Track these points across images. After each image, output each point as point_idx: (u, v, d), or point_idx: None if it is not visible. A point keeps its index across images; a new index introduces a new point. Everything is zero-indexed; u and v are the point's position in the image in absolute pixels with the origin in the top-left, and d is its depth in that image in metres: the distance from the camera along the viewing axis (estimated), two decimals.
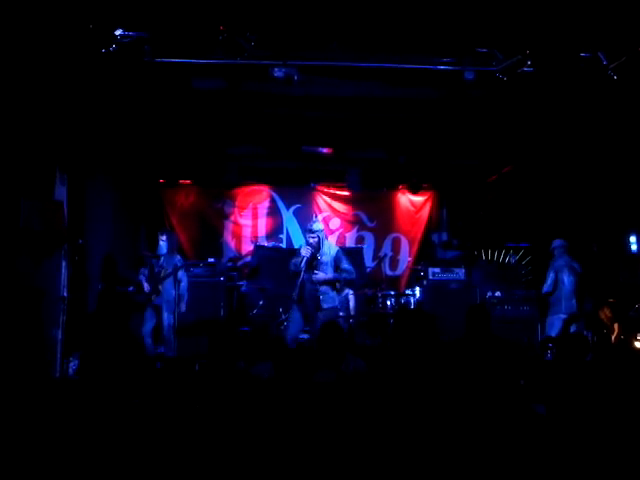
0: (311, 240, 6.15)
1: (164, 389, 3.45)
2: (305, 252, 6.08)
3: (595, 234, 8.66)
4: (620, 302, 7.47)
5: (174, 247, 7.31)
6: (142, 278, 7.01)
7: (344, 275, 6.18)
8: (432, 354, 3.41)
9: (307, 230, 6.33)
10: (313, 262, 6.09)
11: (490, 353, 3.87)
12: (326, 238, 6.36)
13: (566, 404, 3.26)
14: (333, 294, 6.21)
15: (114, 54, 5.28)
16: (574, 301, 7.41)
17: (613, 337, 6.92)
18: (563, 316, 7.35)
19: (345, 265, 6.20)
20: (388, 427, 2.79)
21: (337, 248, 6.36)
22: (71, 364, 5.93)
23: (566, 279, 7.40)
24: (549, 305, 7.54)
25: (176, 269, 7.03)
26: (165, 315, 7.01)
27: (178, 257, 7.26)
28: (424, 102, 7.32)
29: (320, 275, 6.08)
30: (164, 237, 7.08)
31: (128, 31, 5.26)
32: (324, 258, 6.15)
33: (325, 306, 6.11)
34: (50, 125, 6.04)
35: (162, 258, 7.06)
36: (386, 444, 2.68)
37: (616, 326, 7.09)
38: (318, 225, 6.32)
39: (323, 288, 6.12)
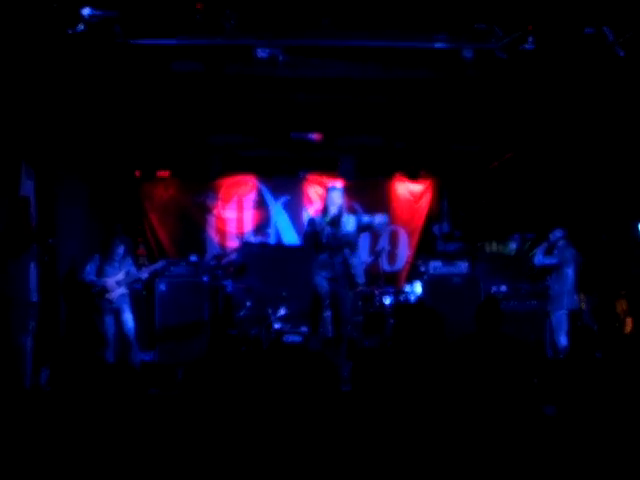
0: (337, 200, 6.21)
1: (145, 399, 3.43)
2: (335, 210, 6.13)
3: (604, 223, 8.68)
4: (632, 295, 7.51)
5: (129, 252, 7.47)
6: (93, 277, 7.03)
7: (377, 220, 6.31)
8: (438, 353, 3.41)
9: (332, 188, 6.42)
10: (338, 227, 6.14)
11: (498, 352, 3.88)
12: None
13: (577, 405, 3.27)
14: (361, 267, 6.28)
15: (82, 35, 5.23)
16: (576, 297, 7.42)
17: (627, 331, 6.95)
18: (565, 311, 7.36)
19: (368, 218, 6.36)
20: (394, 429, 2.79)
21: (354, 216, 6.46)
22: (42, 374, 5.91)
23: (571, 273, 7.39)
24: (549, 299, 7.54)
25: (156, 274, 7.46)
26: (126, 316, 7.02)
27: (130, 260, 7.35)
28: (421, 83, 7.30)
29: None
30: (122, 247, 7.19)
31: (97, 10, 5.21)
32: (348, 227, 6.21)
33: (359, 281, 6.21)
34: (14, 115, 5.99)
35: (117, 261, 7.11)
36: (392, 447, 2.69)
37: (629, 321, 7.13)
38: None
39: (354, 261, 6.16)
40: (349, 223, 6.23)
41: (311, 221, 6.42)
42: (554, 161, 8.89)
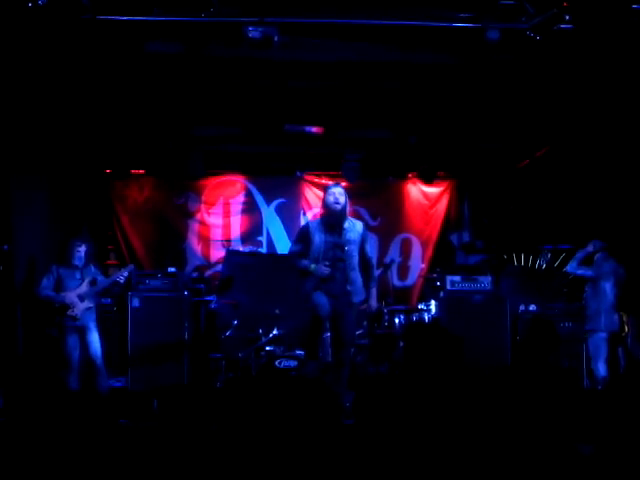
0: (340, 198, 6.06)
1: (114, 431, 3.44)
2: (335, 214, 6.02)
3: None
4: None
5: (92, 258, 7.40)
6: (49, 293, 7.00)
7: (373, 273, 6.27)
8: (454, 382, 3.41)
9: (332, 186, 6.26)
10: (339, 235, 6.07)
11: (528, 381, 3.88)
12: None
13: (617, 444, 3.27)
14: (361, 283, 6.21)
15: (44, 9, 5.24)
16: (616, 316, 7.39)
17: None
18: (603, 334, 7.33)
19: (369, 249, 6.28)
20: (403, 471, 2.80)
21: (361, 224, 6.33)
22: None
23: (609, 289, 7.36)
24: (585, 319, 7.53)
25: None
26: (92, 336, 7.01)
27: (93, 268, 7.31)
28: (438, 69, 7.33)
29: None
30: (83, 247, 7.11)
31: None
32: (351, 235, 6.10)
33: (356, 300, 6.16)
34: None
35: (78, 271, 7.08)
36: None
37: None
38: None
39: (353, 275, 6.12)
40: (353, 231, 6.17)
41: (304, 230, 6.32)
42: (593, 160, 8.88)
